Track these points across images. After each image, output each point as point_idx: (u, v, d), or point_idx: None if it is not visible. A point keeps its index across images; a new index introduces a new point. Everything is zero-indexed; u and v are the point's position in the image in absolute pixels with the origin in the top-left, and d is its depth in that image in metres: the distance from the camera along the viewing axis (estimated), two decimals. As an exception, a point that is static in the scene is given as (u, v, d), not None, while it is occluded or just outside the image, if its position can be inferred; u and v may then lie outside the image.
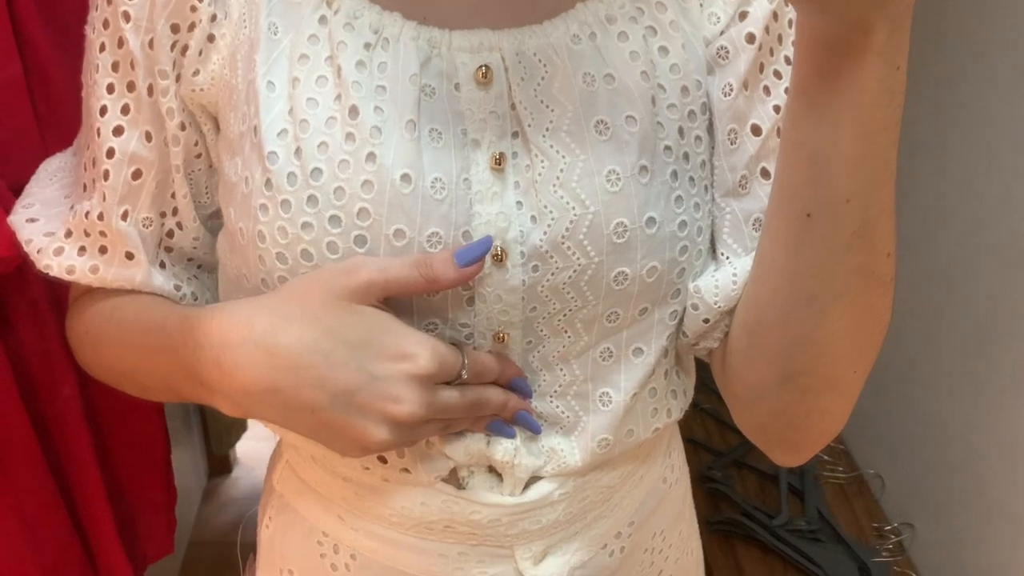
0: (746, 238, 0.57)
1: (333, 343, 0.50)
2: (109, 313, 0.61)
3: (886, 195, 0.48)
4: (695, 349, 0.61)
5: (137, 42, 0.54)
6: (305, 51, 0.53)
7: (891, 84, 0.44)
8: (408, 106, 0.52)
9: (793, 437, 0.58)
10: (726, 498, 1.36)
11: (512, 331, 0.56)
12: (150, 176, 0.57)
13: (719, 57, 0.57)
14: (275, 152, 0.52)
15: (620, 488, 0.64)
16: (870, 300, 0.51)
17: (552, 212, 0.53)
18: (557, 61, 0.53)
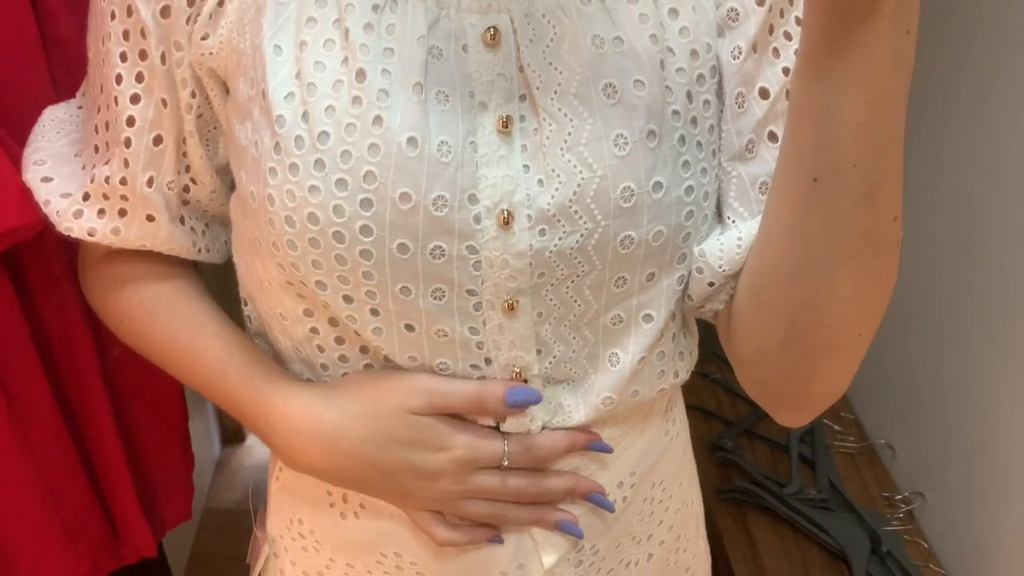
0: (752, 202, 0.57)
1: (386, 439, 0.58)
2: (148, 311, 0.65)
3: (893, 160, 0.48)
4: (700, 311, 0.61)
5: (148, 11, 0.54)
6: (312, 14, 0.53)
7: (900, 48, 0.44)
8: (415, 69, 0.52)
9: (796, 398, 0.59)
10: (737, 467, 1.37)
11: (521, 298, 0.56)
12: (170, 140, 0.58)
13: (729, 19, 0.56)
14: (283, 116, 0.52)
15: (622, 440, 0.65)
16: (875, 264, 0.51)
17: (559, 176, 0.53)
18: (566, 22, 0.53)
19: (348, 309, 0.56)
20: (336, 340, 0.59)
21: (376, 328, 0.57)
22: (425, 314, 0.56)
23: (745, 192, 0.57)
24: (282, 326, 0.61)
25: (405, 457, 0.58)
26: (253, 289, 0.62)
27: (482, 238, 0.53)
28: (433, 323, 0.56)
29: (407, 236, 0.52)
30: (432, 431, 0.59)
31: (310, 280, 0.55)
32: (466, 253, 0.54)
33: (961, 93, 1.21)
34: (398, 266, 0.53)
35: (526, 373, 0.59)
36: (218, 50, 0.55)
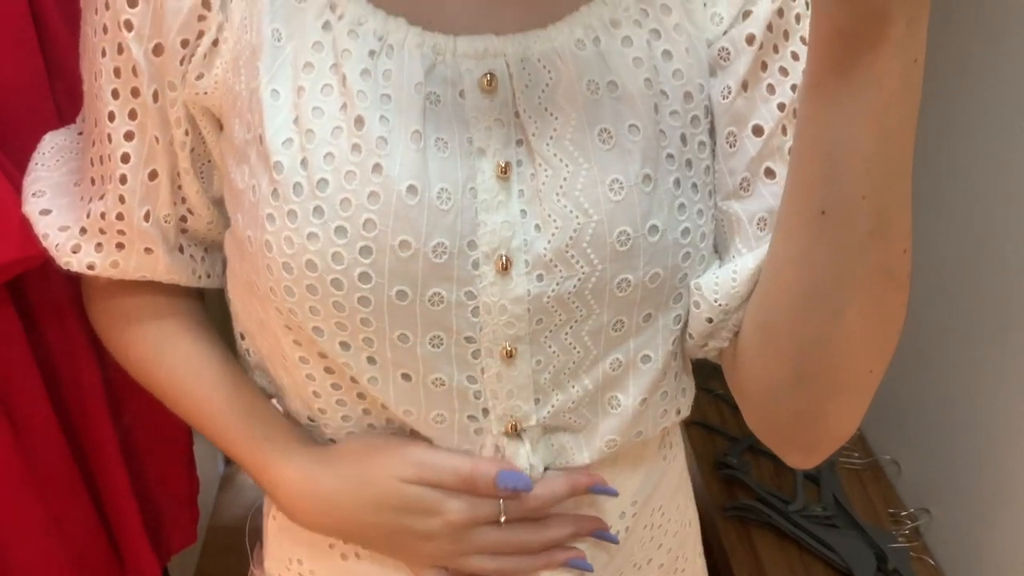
0: (750, 238, 0.56)
1: (381, 506, 0.60)
2: (153, 352, 0.65)
3: (902, 191, 0.47)
4: (704, 351, 0.60)
5: (140, 50, 0.53)
6: (310, 59, 0.52)
7: (908, 77, 0.43)
8: (413, 116, 0.52)
9: (806, 439, 0.58)
10: (741, 484, 1.37)
11: (520, 346, 0.56)
12: (164, 175, 0.58)
13: (720, 59, 0.56)
14: (281, 162, 0.52)
15: (622, 472, 0.65)
16: (886, 298, 0.50)
17: (556, 221, 0.53)
18: (561, 67, 0.53)
19: (344, 356, 0.56)
20: (332, 386, 0.59)
21: (372, 377, 0.56)
22: (423, 362, 0.55)
23: (743, 229, 0.57)
24: (283, 365, 0.61)
25: (400, 522, 0.59)
26: (252, 326, 0.62)
27: (480, 284, 0.53)
28: (430, 372, 0.56)
29: (406, 283, 0.52)
30: (424, 499, 0.59)
31: (307, 326, 0.55)
32: (464, 299, 0.54)
33: (962, 96, 1.21)
34: (396, 313, 0.53)
35: (524, 423, 0.59)
36: (212, 89, 0.55)
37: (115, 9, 0.53)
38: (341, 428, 0.61)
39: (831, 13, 0.42)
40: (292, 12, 0.53)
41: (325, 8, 0.52)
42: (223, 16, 0.53)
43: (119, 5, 0.53)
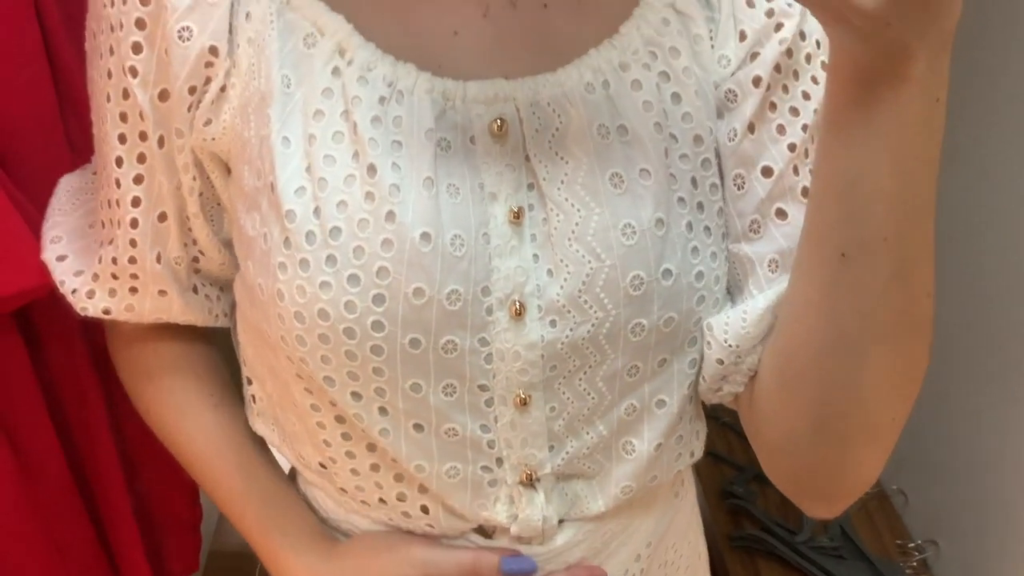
0: (761, 280, 0.56)
1: None
2: (174, 415, 0.67)
3: (925, 233, 0.46)
4: (719, 395, 0.59)
5: (146, 96, 0.53)
6: (320, 106, 0.52)
7: (930, 116, 0.43)
8: (425, 162, 0.51)
9: (827, 488, 0.56)
10: (748, 514, 1.36)
11: (534, 393, 0.55)
12: (172, 218, 0.58)
13: (727, 100, 0.56)
14: (293, 210, 0.51)
15: (636, 516, 0.64)
16: (909, 344, 0.49)
17: (568, 266, 0.53)
18: (571, 111, 0.52)
19: (356, 407, 0.55)
20: (343, 436, 0.58)
21: (383, 429, 0.56)
22: (435, 412, 0.55)
23: (754, 271, 0.56)
24: (295, 412, 0.60)
25: None
26: (262, 371, 0.62)
27: (493, 330, 0.53)
28: (443, 421, 0.55)
29: (419, 331, 0.52)
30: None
31: (318, 376, 0.54)
32: (478, 346, 0.53)
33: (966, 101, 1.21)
34: (409, 362, 0.53)
35: (539, 472, 0.58)
36: (220, 135, 0.55)
37: (119, 55, 0.53)
38: (350, 481, 0.61)
39: (850, 50, 0.41)
40: (301, 58, 0.52)
41: (334, 54, 0.52)
42: (230, 62, 0.53)
43: (123, 51, 0.53)
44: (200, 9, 0.52)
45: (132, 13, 0.52)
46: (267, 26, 0.52)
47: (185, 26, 0.51)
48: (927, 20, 0.39)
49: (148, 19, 0.52)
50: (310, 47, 0.52)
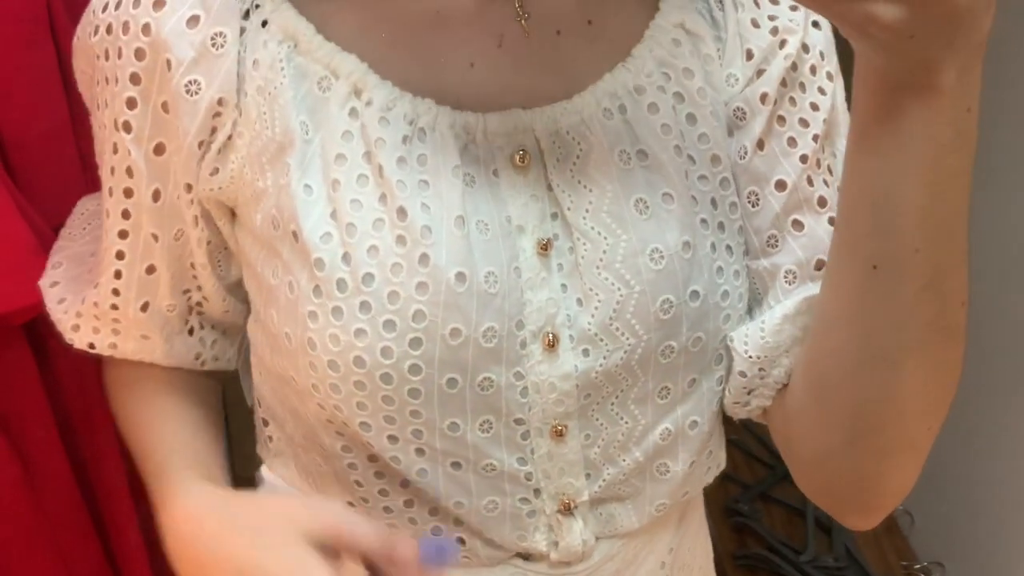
0: (779, 291, 0.56)
1: (257, 571, 0.49)
2: (128, 412, 0.64)
3: (958, 243, 0.46)
4: (747, 410, 0.59)
5: (139, 152, 0.53)
6: (341, 150, 0.51)
7: (961, 127, 0.42)
8: (455, 201, 0.51)
9: (865, 499, 0.56)
10: (752, 532, 1.35)
11: (569, 422, 0.55)
12: (164, 269, 0.57)
13: (736, 118, 0.56)
14: (322, 259, 0.50)
15: (662, 525, 0.64)
16: (944, 354, 0.49)
17: (598, 294, 0.52)
18: (591, 138, 0.52)
19: (392, 450, 0.54)
20: (376, 475, 0.57)
21: (421, 469, 0.55)
22: (473, 449, 0.54)
23: (773, 284, 0.56)
24: (323, 454, 0.59)
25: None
26: (283, 413, 0.60)
27: (528, 363, 0.53)
28: (481, 458, 0.55)
29: (456, 371, 0.51)
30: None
31: (353, 422, 0.53)
32: (513, 380, 0.53)
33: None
34: (447, 402, 0.52)
35: (576, 500, 0.58)
36: (228, 184, 0.54)
37: (112, 109, 0.52)
38: (382, 518, 0.59)
39: (878, 63, 0.41)
40: (316, 103, 0.51)
41: (350, 95, 0.51)
42: (238, 112, 0.52)
43: (117, 106, 0.52)
44: (206, 61, 0.50)
45: (127, 68, 0.51)
46: (277, 73, 0.51)
47: (192, 80, 0.50)
48: (953, 31, 0.38)
49: (143, 73, 0.51)
50: (325, 91, 0.51)
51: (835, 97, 0.57)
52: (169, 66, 0.50)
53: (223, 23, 0.51)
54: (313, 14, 0.52)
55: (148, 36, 0.50)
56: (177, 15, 0.50)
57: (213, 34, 0.50)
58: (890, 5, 0.36)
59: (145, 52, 0.50)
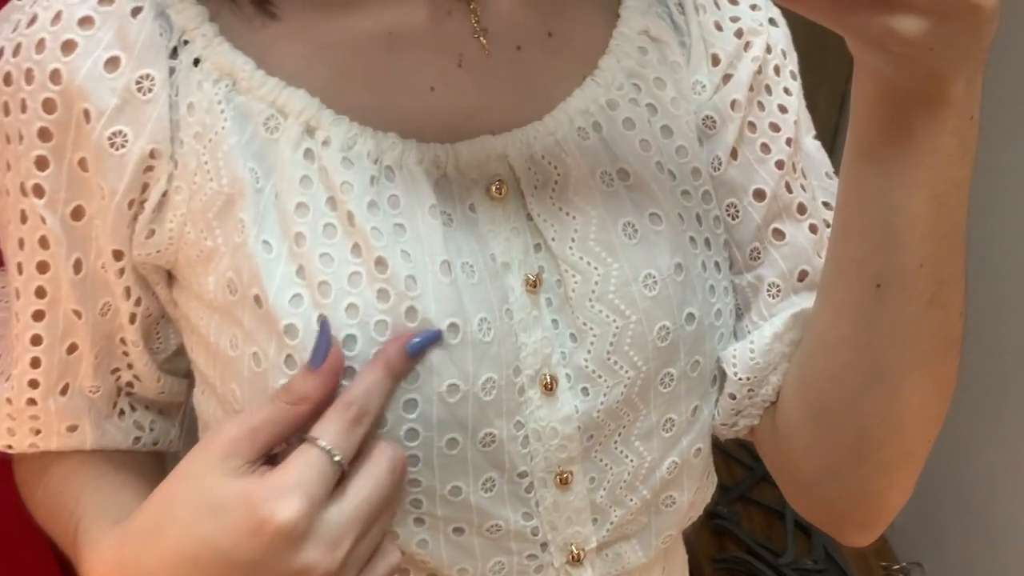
0: (762, 306, 0.54)
1: (196, 545, 0.43)
2: (46, 496, 0.55)
3: (959, 254, 0.45)
4: (735, 430, 0.57)
5: (55, 218, 0.47)
6: (300, 199, 0.46)
7: (965, 137, 0.41)
8: (437, 244, 0.46)
9: (866, 515, 0.55)
10: (732, 535, 1.34)
11: (574, 467, 0.51)
12: (87, 348, 0.51)
13: (706, 127, 0.54)
14: (294, 324, 0.45)
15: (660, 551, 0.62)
16: (944, 366, 0.48)
17: (593, 328, 0.49)
18: (568, 161, 0.49)
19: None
20: None
21: (421, 540, 0.50)
22: (476, 512, 0.50)
23: (756, 299, 0.54)
24: None
25: (232, 560, 0.43)
26: None
27: (527, 410, 0.49)
28: (485, 520, 0.50)
29: (457, 430, 0.47)
30: (242, 498, 0.43)
31: None
32: (514, 431, 0.49)
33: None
34: (447, 465, 0.47)
35: (585, 547, 0.53)
36: (166, 247, 0.48)
37: (18, 171, 0.46)
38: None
39: (884, 76, 0.40)
40: (265, 146, 0.46)
41: (303, 135, 0.46)
42: (173, 164, 0.46)
43: (24, 168, 0.46)
44: (131, 108, 0.45)
45: (34, 123, 0.45)
46: (216, 116, 0.46)
47: (117, 131, 0.45)
48: (969, 43, 0.37)
49: (55, 128, 0.45)
50: (272, 131, 0.46)
51: (799, 97, 0.56)
52: (87, 117, 0.45)
53: (149, 64, 0.45)
54: (250, 47, 0.47)
55: (58, 84, 0.44)
56: (92, 58, 0.44)
57: (138, 77, 0.45)
58: (911, 18, 0.35)
59: (56, 103, 0.44)
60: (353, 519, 0.44)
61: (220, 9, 0.47)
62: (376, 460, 0.45)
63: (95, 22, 0.45)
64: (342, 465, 0.44)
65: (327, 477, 0.43)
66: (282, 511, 0.42)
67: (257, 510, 0.42)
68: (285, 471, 0.43)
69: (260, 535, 0.42)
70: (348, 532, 0.44)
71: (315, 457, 0.43)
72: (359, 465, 0.45)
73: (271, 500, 0.42)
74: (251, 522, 0.42)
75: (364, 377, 0.45)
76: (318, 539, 0.43)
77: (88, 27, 0.45)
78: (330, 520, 0.43)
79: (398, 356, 0.45)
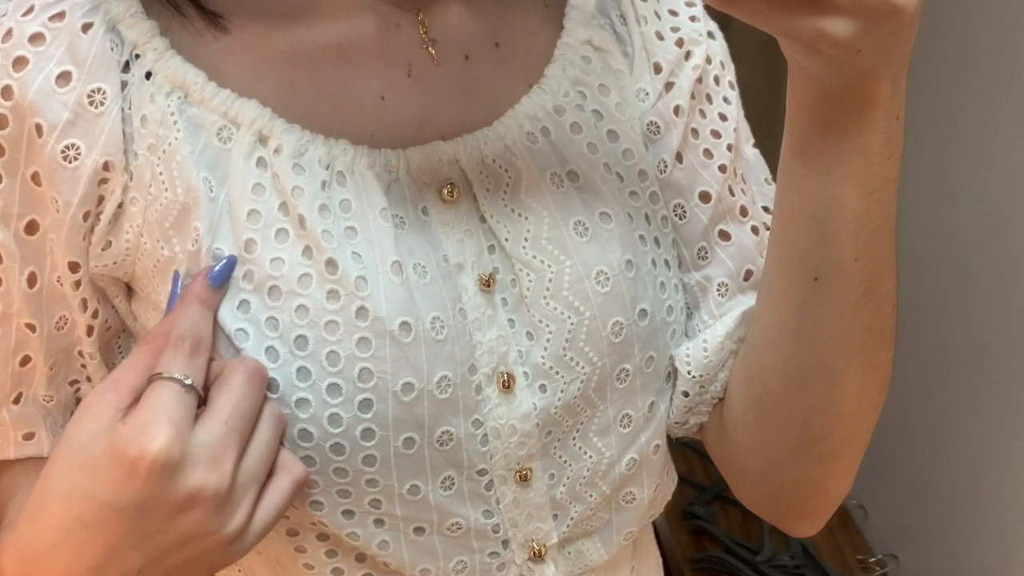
0: (712, 305, 0.56)
1: (80, 506, 0.43)
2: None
3: (890, 248, 0.47)
4: (685, 428, 0.58)
5: (8, 233, 0.46)
6: (252, 206, 0.47)
7: (892, 136, 0.43)
8: (387, 246, 0.47)
9: (809, 505, 0.57)
10: (709, 534, 1.35)
11: (533, 464, 0.52)
12: (40, 360, 0.50)
13: (650, 132, 0.55)
14: (243, 329, 0.46)
15: (625, 549, 0.62)
16: (879, 356, 0.50)
17: (548, 325, 0.50)
18: (519, 163, 0.50)
19: (349, 525, 0.50)
20: (327, 554, 0.52)
21: (382, 542, 0.51)
22: (436, 511, 0.51)
23: (705, 297, 0.56)
24: (263, 542, 0.51)
25: (124, 505, 0.42)
26: None
27: (485, 408, 0.50)
28: (446, 518, 0.51)
29: (413, 429, 0.48)
30: (102, 444, 0.43)
31: (303, 503, 0.49)
32: (472, 430, 0.50)
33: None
34: (404, 464, 0.48)
35: (546, 543, 0.55)
36: (123, 258, 0.48)
37: None
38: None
39: (816, 77, 0.41)
40: (217, 156, 0.47)
41: (255, 144, 0.47)
42: (127, 176, 0.47)
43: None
44: (83, 122, 0.45)
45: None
46: (169, 128, 0.47)
47: (70, 144, 0.45)
48: (893, 45, 0.39)
49: (6, 143, 0.45)
50: (225, 141, 0.47)
51: (738, 106, 0.58)
52: (39, 131, 0.45)
53: (100, 78, 0.46)
54: (201, 60, 0.48)
55: (9, 100, 0.45)
56: (44, 73, 0.45)
57: (90, 91, 0.45)
58: (841, 21, 0.37)
59: (7, 119, 0.45)
60: (225, 433, 0.44)
61: (170, 23, 0.48)
62: (230, 374, 0.45)
63: (46, 38, 0.46)
64: (196, 389, 0.44)
65: (185, 403, 0.43)
66: (150, 443, 0.42)
67: (125, 451, 0.42)
68: (141, 409, 0.43)
69: (136, 474, 0.42)
70: (225, 447, 0.44)
71: (166, 388, 0.43)
72: (216, 386, 0.45)
73: (136, 438, 0.42)
74: (124, 465, 0.42)
75: (183, 313, 0.45)
76: (196, 461, 0.43)
77: (39, 43, 0.45)
78: (202, 439, 0.43)
79: (204, 289, 0.46)
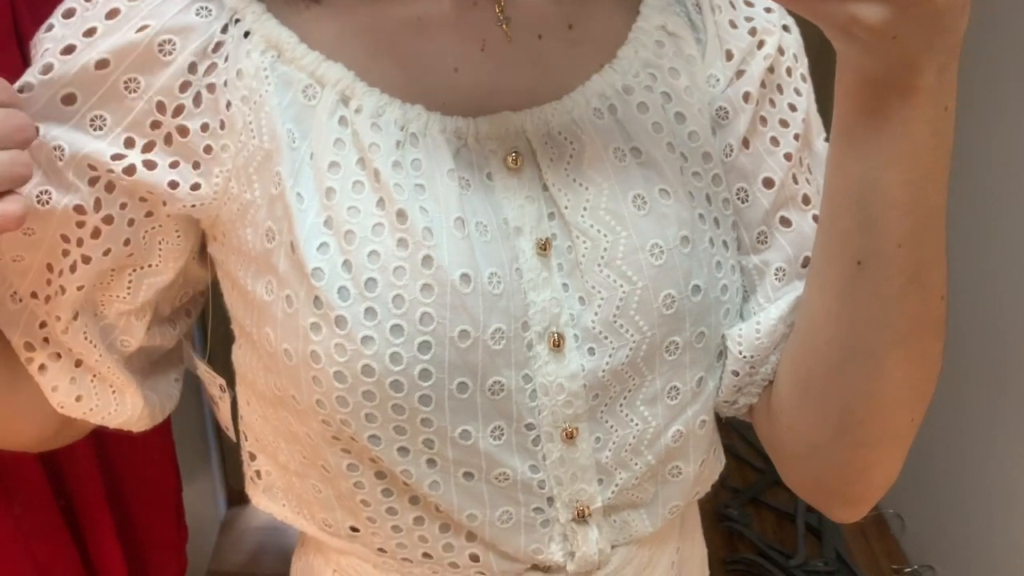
0: (769, 288, 0.57)
1: None
2: None
3: (938, 237, 0.47)
4: (735, 408, 0.59)
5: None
6: (334, 158, 0.50)
7: (939, 126, 0.43)
8: (452, 203, 0.50)
9: (851, 491, 0.57)
10: (742, 537, 1.35)
11: (579, 424, 0.54)
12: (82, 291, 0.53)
13: (719, 118, 0.56)
14: (320, 268, 0.49)
15: (671, 526, 0.64)
16: (925, 346, 0.50)
17: (600, 292, 0.52)
18: (583, 137, 0.52)
19: (403, 463, 0.53)
20: (383, 492, 0.56)
21: (433, 482, 0.54)
22: (485, 458, 0.53)
23: (763, 281, 0.57)
24: (325, 477, 0.57)
25: None
26: (276, 441, 0.59)
27: (535, 364, 0.52)
28: (494, 467, 0.54)
29: (467, 375, 0.51)
30: None
31: (362, 436, 0.52)
32: (522, 383, 0.52)
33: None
34: (458, 408, 0.51)
35: (590, 507, 0.57)
36: (211, 201, 0.52)
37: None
38: (391, 539, 0.58)
39: (859, 64, 0.42)
40: (303, 111, 0.51)
41: (338, 103, 0.51)
42: (206, 116, 0.51)
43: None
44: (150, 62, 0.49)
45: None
46: (261, 82, 0.51)
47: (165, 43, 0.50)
48: (934, 32, 0.39)
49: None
50: (311, 99, 0.51)
51: (809, 98, 0.58)
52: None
53: (175, 32, 0.50)
54: (294, 25, 0.52)
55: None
56: (130, 24, 0.49)
57: (161, 41, 0.49)
58: (873, 6, 0.37)
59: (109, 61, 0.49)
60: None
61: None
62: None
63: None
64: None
65: None
66: None
67: None
68: None
69: None
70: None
71: None
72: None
73: None
74: None
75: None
76: None
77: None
78: None
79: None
